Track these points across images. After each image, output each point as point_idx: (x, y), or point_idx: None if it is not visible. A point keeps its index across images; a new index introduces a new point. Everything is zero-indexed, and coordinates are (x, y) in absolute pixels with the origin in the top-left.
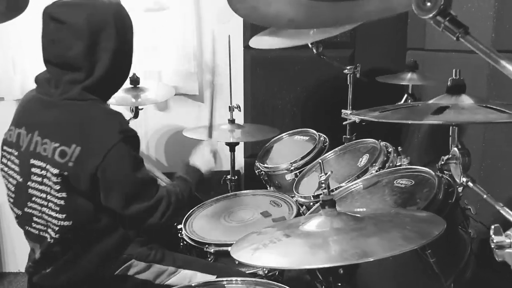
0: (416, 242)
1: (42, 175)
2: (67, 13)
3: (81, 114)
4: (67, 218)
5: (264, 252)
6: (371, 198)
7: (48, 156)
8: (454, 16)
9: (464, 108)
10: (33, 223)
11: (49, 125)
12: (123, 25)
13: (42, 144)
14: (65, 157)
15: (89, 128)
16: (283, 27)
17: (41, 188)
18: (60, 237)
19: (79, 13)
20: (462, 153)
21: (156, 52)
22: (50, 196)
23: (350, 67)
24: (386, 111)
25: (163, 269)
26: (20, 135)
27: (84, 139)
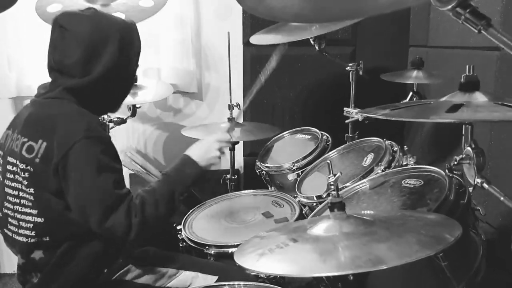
0: (432, 247)
1: (14, 171)
2: (73, 22)
3: (51, 111)
4: (39, 214)
5: (271, 258)
6: (378, 199)
7: (17, 152)
8: (476, 8)
9: (479, 106)
10: (8, 224)
11: (23, 122)
12: (127, 44)
13: (16, 140)
14: (32, 153)
15: (56, 124)
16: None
17: (13, 185)
18: (37, 236)
19: (84, 23)
20: (476, 152)
21: (154, 50)
22: (22, 193)
23: (353, 64)
24: (397, 109)
25: (163, 272)
26: (7, 136)
27: (50, 135)
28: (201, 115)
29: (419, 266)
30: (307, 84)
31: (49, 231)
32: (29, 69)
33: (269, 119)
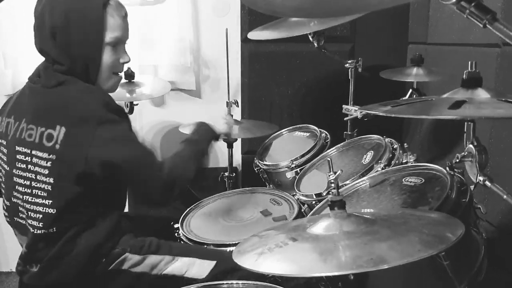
0: (435, 247)
1: (27, 161)
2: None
3: (61, 97)
4: (52, 205)
5: (270, 257)
6: (379, 197)
7: (35, 141)
8: (481, 1)
9: (482, 102)
10: (20, 213)
11: (34, 112)
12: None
13: (27, 130)
14: (52, 140)
15: (71, 109)
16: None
17: (24, 175)
18: (44, 228)
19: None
20: (478, 150)
21: (152, 46)
22: (36, 183)
23: (352, 61)
24: (399, 105)
25: (159, 259)
26: (9, 124)
27: (67, 119)
28: (199, 112)
29: (420, 266)
30: (305, 81)
31: (57, 222)
32: (25, 66)
33: (267, 117)
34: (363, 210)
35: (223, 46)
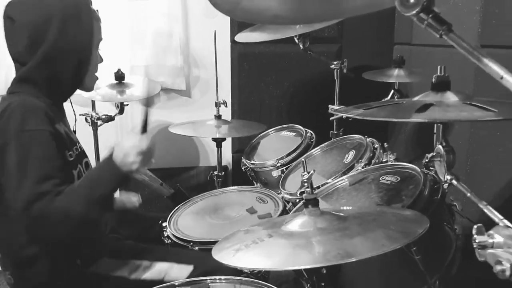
0: (399, 241)
1: None
2: (17, 11)
3: (3, 105)
4: None
5: (246, 253)
6: (357, 195)
7: None
8: (438, 13)
9: (449, 106)
10: None
11: None
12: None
13: None
14: None
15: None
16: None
17: None
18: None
19: (27, 10)
20: (447, 150)
21: (142, 47)
22: None
23: (337, 63)
24: (371, 108)
25: (137, 264)
26: None
27: None
28: (189, 111)
29: (393, 260)
30: (293, 81)
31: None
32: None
33: (257, 116)
34: (342, 207)
35: (213, 47)
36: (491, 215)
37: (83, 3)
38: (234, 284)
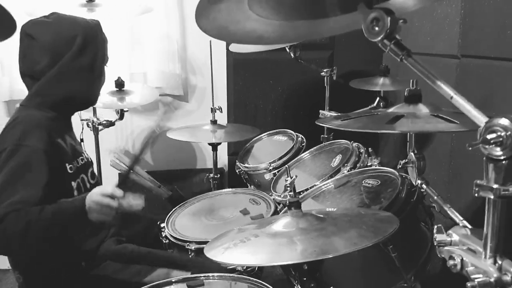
0: (370, 240)
1: None
2: (38, 30)
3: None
4: None
5: (235, 250)
6: (341, 197)
7: None
8: (399, 40)
9: (417, 118)
10: None
11: None
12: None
13: None
14: None
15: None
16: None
17: None
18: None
19: (48, 30)
20: (418, 157)
21: (140, 54)
22: None
23: (327, 70)
24: (348, 119)
25: (138, 268)
26: None
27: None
28: (186, 116)
29: (371, 257)
30: (286, 87)
31: None
32: None
33: (252, 121)
34: (327, 209)
35: (209, 55)
36: (453, 216)
37: (98, 26)
38: (227, 280)
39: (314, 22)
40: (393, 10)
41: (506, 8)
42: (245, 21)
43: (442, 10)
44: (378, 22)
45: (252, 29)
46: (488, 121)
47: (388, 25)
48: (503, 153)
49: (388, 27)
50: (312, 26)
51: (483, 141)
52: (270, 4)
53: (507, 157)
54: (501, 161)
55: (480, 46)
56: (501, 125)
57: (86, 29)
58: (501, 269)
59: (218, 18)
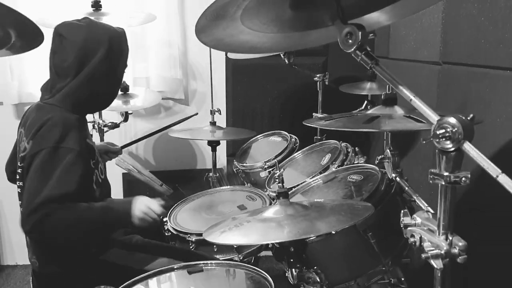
0: (346, 223)
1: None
2: (70, 31)
3: (43, 115)
4: (21, 205)
5: (229, 233)
6: (328, 191)
7: (21, 150)
8: (369, 51)
9: (391, 118)
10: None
11: (28, 125)
12: (115, 49)
13: (22, 140)
14: (24, 151)
15: (39, 129)
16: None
17: (18, 178)
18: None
19: (79, 31)
20: (393, 154)
21: (144, 60)
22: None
23: (320, 75)
24: (330, 119)
25: (142, 256)
26: (21, 134)
27: (33, 137)
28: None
29: (353, 243)
30: (282, 91)
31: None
32: (30, 77)
33: (249, 123)
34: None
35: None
36: (420, 204)
37: (123, 34)
38: (225, 267)
39: (299, 34)
40: (368, 24)
41: (479, 21)
42: (238, 34)
43: (426, 20)
44: (351, 36)
45: (245, 40)
46: (439, 119)
47: (359, 38)
48: (451, 146)
49: (360, 40)
50: (298, 37)
51: (434, 136)
52: (260, 19)
53: (454, 149)
54: (450, 152)
55: (459, 54)
56: (449, 123)
57: (114, 36)
58: (451, 244)
59: (215, 32)
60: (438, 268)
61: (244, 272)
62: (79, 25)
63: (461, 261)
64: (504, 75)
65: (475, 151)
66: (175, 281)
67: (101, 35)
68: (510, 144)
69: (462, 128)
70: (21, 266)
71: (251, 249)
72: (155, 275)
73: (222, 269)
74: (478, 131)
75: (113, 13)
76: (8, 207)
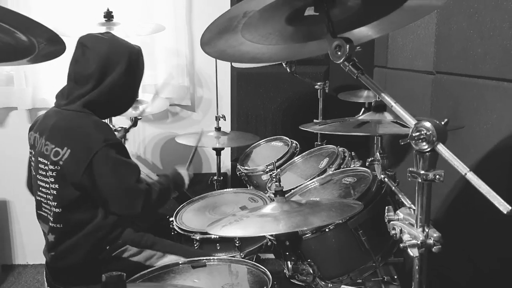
0: (335, 218)
1: (45, 169)
2: (93, 42)
3: (73, 122)
4: (57, 205)
5: (230, 227)
6: (324, 192)
7: (49, 155)
8: (356, 62)
9: (380, 123)
10: (42, 207)
11: (49, 130)
12: (134, 64)
13: (45, 145)
14: (58, 156)
15: (78, 135)
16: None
17: (45, 180)
18: (53, 223)
19: (102, 44)
20: (382, 156)
21: (152, 68)
22: (49, 186)
23: (320, 83)
24: (324, 124)
25: (152, 254)
26: (36, 138)
27: (73, 143)
28: (193, 125)
29: (345, 240)
30: (285, 98)
31: (63, 219)
32: (44, 84)
33: (253, 128)
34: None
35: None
36: (404, 201)
37: (140, 51)
38: (227, 263)
39: (296, 45)
40: (357, 38)
41: (469, 34)
42: (239, 45)
43: (421, 32)
44: (340, 48)
45: (245, 51)
46: (416, 123)
47: (347, 51)
48: (427, 147)
49: (347, 52)
50: (295, 48)
51: (410, 138)
52: (259, 32)
53: (429, 150)
54: (426, 153)
55: (450, 64)
56: (425, 126)
57: (133, 52)
58: (427, 235)
59: (218, 44)
60: (414, 256)
61: (244, 267)
62: (103, 38)
63: (436, 250)
64: (490, 84)
65: (447, 152)
66: (180, 275)
67: (122, 49)
68: (495, 147)
69: (436, 131)
70: (31, 265)
71: (252, 248)
72: (162, 270)
73: (224, 264)
74: (468, 136)
75: (124, 23)
76: (19, 209)
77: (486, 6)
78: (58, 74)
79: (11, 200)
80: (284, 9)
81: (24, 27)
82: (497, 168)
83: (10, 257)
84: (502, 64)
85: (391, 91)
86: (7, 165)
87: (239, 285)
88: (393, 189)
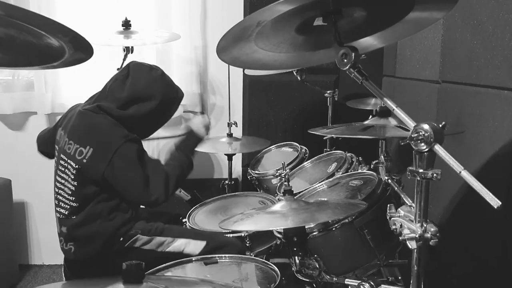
0: (340, 215)
1: (65, 166)
2: (138, 70)
3: (92, 121)
4: (75, 200)
5: (241, 223)
6: (331, 194)
7: (71, 154)
8: (361, 69)
9: (383, 128)
10: (56, 200)
11: (70, 129)
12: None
13: (68, 144)
14: (81, 155)
15: (99, 133)
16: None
17: (62, 176)
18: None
19: (144, 74)
20: (386, 159)
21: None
22: (67, 183)
23: (330, 91)
24: (331, 128)
25: (162, 240)
26: (61, 135)
27: (95, 142)
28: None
29: (351, 238)
30: (295, 105)
31: (79, 213)
32: (63, 89)
33: (264, 135)
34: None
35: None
36: (406, 200)
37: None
38: (238, 260)
39: (305, 54)
40: (362, 47)
41: (472, 44)
42: (252, 53)
43: (428, 42)
44: (346, 56)
45: (257, 58)
46: (415, 125)
47: (353, 58)
48: (425, 147)
49: (353, 60)
50: (304, 56)
51: (410, 139)
52: (271, 41)
53: (427, 150)
54: (424, 153)
55: (455, 74)
56: (423, 128)
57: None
58: (425, 230)
59: (233, 52)
60: (412, 248)
61: (254, 265)
62: (147, 71)
63: (433, 244)
64: (492, 93)
65: (443, 152)
66: (193, 271)
67: (158, 90)
68: (496, 152)
69: (433, 133)
70: (47, 266)
71: (262, 248)
72: (176, 265)
73: (234, 261)
74: (471, 141)
75: (141, 31)
76: (36, 209)
77: (489, 18)
78: (77, 79)
79: (29, 202)
80: (294, 19)
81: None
82: (498, 170)
83: (27, 257)
84: (503, 74)
85: (399, 99)
86: (26, 168)
87: (248, 280)
88: (396, 189)
